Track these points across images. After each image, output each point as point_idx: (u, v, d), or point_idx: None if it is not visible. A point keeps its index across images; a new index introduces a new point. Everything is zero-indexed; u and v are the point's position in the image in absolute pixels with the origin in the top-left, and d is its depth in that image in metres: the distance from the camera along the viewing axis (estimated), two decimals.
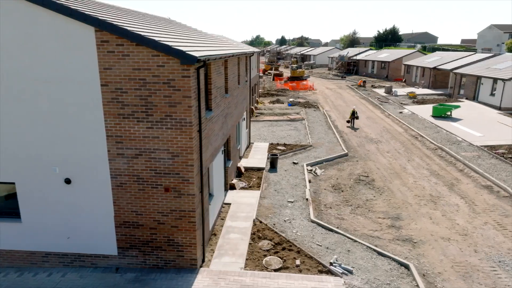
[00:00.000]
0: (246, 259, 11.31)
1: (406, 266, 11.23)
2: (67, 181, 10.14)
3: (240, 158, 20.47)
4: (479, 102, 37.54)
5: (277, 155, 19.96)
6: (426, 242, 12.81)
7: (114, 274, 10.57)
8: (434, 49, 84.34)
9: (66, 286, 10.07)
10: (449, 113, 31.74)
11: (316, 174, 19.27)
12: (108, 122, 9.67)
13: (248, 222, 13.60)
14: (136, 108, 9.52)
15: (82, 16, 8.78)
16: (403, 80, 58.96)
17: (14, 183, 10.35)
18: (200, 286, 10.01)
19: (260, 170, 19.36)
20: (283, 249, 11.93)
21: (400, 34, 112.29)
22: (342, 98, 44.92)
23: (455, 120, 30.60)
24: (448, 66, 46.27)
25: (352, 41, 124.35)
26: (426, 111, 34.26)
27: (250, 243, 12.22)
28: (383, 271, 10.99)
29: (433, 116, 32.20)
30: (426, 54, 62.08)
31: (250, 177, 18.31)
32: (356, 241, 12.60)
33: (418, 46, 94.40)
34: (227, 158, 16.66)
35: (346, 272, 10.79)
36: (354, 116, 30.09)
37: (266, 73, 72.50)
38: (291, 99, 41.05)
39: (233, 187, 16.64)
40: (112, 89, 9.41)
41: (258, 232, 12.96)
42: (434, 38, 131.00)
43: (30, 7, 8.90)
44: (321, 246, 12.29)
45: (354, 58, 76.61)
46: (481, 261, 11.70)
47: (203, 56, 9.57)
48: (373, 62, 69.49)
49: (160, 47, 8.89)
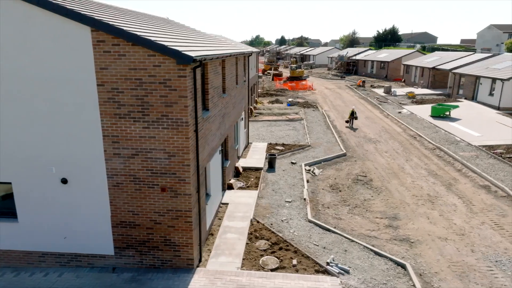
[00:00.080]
0: (243, 259, 11.32)
1: (403, 266, 11.24)
2: (64, 181, 10.14)
3: (238, 158, 20.47)
4: (478, 102, 37.55)
5: (275, 155, 19.97)
6: (423, 242, 12.82)
7: (110, 274, 10.57)
8: (434, 49, 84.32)
9: (63, 286, 10.07)
10: (447, 113, 31.76)
11: (314, 174, 19.27)
12: (104, 122, 9.68)
13: (245, 222, 13.60)
14: (132, 108, 9.53)
15: (78, 16, 8.78)
16: (402, 80, 58.97)
17: (10, 183, 10.36)
18: (196, 286, 10.01)
19: (258, 170, 19.36)
20: (280, 249, 11.93)
21: (399, 34, 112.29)
22: (341, 98, 44.93)
23: (454, 120, 30.61)
24: (447, 66, 46.29)
25: (351, 41, 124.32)
26: (425, 111, 34.27)
27: (247, 243, 12.22)
28: (380, 271, 10.99)
29: (431, 116, 32.23)
30: (425, 54, 62.07)
31: (248, 177, 18.32)
32: (353, 241, 12.60)
33: (418, 46, 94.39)
34: (225, 158, 16.67)
35: (343, 272, 10.79)
36: (353, 116, 30.08)
37: (265, 73, 72.52)
38: (290, 99, 41.06)
39: (231, 187, 16.64)
40: (108, 89, 9.42)
41: (255, 232, 12.97)
42: (434, 38, 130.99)
43: (26, 7, 8.90)
44: (318, 246, 12.29)
45: (354, 58, 76.61)
46: (478, 260, 11.71)
47: (199, 56, 9.57)
48: (372, 62, 69.48)
49: (156, 47, 8.90)
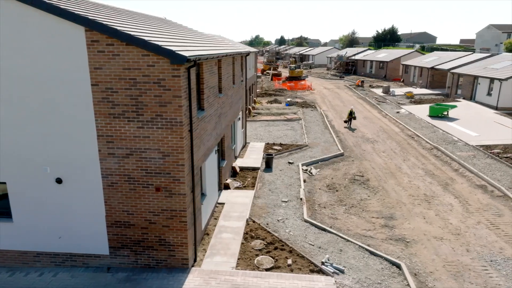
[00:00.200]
0: (238, 259, 11.32)
1: (398, 266, 11.25)
2: (58, 181, 10.15)
3: (235, 157, 20.47)
4: (476, 102, 37.57)
5: (272, 155, 19.98)
6: (418, 242, 12.83)
7: (105, 274, 10.58)
8: (433, 49, 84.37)
9: (58, 286, 10.08)
10: (445, 113, 31.77)
11: (311, 173, 19.28)
12: (98, 122, 9.68)
13: (241, 222, 13.61)
14: (126, 107, 9.53)
15: (72, 15, 8.79)
16: (401, 80, 58.98)
17: (5, 183, 10.36)
18: (191, 285, 10.02)
19: (255, 170, 19.37)
20: (275, 248, 11.94)
21: (399, 34, 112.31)
22: (340, 98, 44.94)
23: (452, 120, 30.63)
24: (445, 66, 46.31)
25: (351, 41, 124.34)
26: (423, 111, 34.28)
27: (242, 243, 12.23)
28: (375, 271, 11.00)
29: (429, 116, 32.25)
30: (424, 54, 62.12)
31: (245, 176, 18.32)
32: (348, 240, 12.61)
33: (417, 46, 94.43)
34: (221, 157, 16.67)
35: (338, 271, 10.80)
36: (351, 116, 30.08)
37: (264, 73, 72.52)
38: (289, 99, 41.08)
39: (227, 187, 16.65)
40: (102, 88, 9.42)
41: (251, 231, 12.97)
42: (433, 38, 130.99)
43: (20, 7, 8.90)
44: (313, 245, 12.30)
45: (353, 58, 76.62)
46: (473, 260, 11.72)
47: (194, 55, 9.58)
48: (371, 62, 69.50)
49: (149, 47, 8.91)
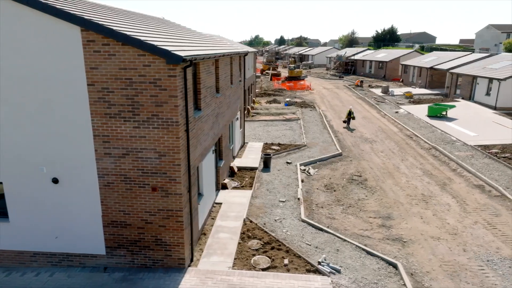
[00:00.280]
0: (235, 259, 11.32)
1: (394, 265, 11.25)
2: (55, 180, 10.15)
3: (233, 157, 20.47)
4: (475, 102, 37.57)
5: (270, 155, 19.98)
6: (415, 242, 12.83)
7: (102, 274, 10.58)
8: (432, 49, 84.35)
9: (54, 286, 10.08)
10: (444, 112, 31.78)
11: (309, 173, 19.28)
12: (95, 122, 9.68)
13: (238, 222, 13.61)
14: (122, 107, 9.53)
15: (68, 15, 8.79)
16: (401, 80, 59.00)
17: (1, 183, 10.36)
18: (187, 285, 10.02)
19: (253, 169, 19.37)
20: (272, 248, 11.94)
21: (398, 34, 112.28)
22: (339, 98, 44.95)
23: (450, 119, 30.64)
24: (444, 66, 46.30)
25: (350, 41, 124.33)
26: (422, 111, 34.29)
27: (239, 243, 12.23)
28: (371, 270, 11.00)
29: (428, 116, 32.25)
30: (423, 54, 62.15)
31: (243, 176, 18.32)
32: (345, 240, 12.61)
33: (416, 46, 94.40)
34: (219, 157, 16.67)
35: (334, 271, 10.81)
36: (350, 116, 30.09)
37: (264, 73, 72.52)
38: (288, 99, 41.08)
39: (225, 187, 16.65)
40: (98, 88, 9.42)
41: (248, 231, 12.97)
42: (433, 38, 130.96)
43: (15, 7, 8.90)
44: (310, 245, 12.30)
45: (352, 58, 76.63)
46: (469, 260, 11.72)
47: (190, 55, 9.57)
48: (370, 62, 69.51)
49: (145, 47, 8.91)
